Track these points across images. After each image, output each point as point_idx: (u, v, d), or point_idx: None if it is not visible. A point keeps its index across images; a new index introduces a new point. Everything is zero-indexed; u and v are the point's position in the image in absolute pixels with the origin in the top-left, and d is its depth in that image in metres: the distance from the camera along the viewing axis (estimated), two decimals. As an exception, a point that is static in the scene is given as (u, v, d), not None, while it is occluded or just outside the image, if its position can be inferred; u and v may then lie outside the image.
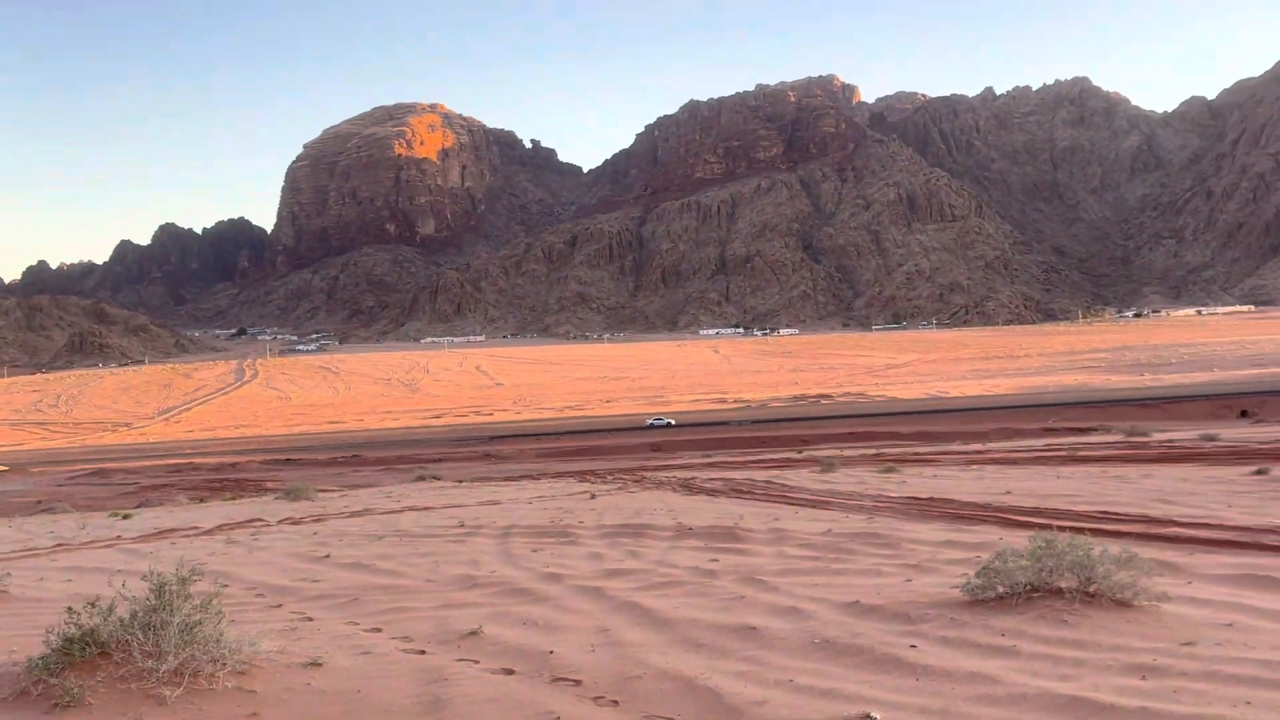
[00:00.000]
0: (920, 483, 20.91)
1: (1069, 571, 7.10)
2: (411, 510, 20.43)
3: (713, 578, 9.41)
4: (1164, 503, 14.98)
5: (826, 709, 4.98)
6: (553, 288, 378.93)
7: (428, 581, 10.28)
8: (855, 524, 13.67)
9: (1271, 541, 10.67)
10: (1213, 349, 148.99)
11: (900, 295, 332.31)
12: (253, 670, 5.86)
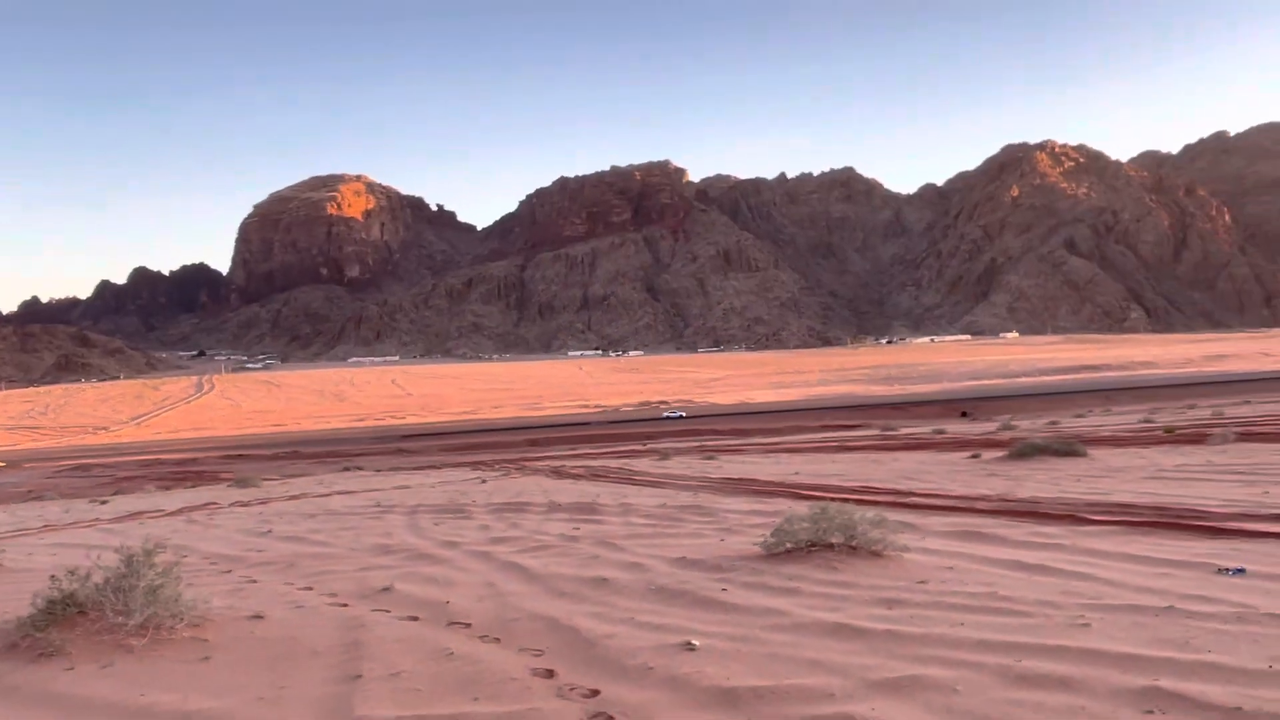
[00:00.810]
0: (732, 467, 21.89)
1: (838, 531, 7.84)
2: (339, 494, 20.31)
3: (575, 542, 9.94)
4: (907, 479, 16.16)
5: (658, 638, 5.50)
6: (453, 319, 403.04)
7: (350, 550, 10.50)
8: (684, 499, 14.46)
9: (980, 506, 11.79)
10: (941, 367, 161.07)
11: (719, 326, 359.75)
12: (206, 623, 6.16)
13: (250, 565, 9.59)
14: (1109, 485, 13.18)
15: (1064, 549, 8.03)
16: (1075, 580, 6.65)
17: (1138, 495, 11.84)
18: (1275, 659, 4.48)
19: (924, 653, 4.90)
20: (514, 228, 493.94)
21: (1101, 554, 7.68)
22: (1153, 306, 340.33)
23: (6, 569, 9.89)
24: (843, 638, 5.31)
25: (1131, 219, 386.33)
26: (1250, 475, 13.48)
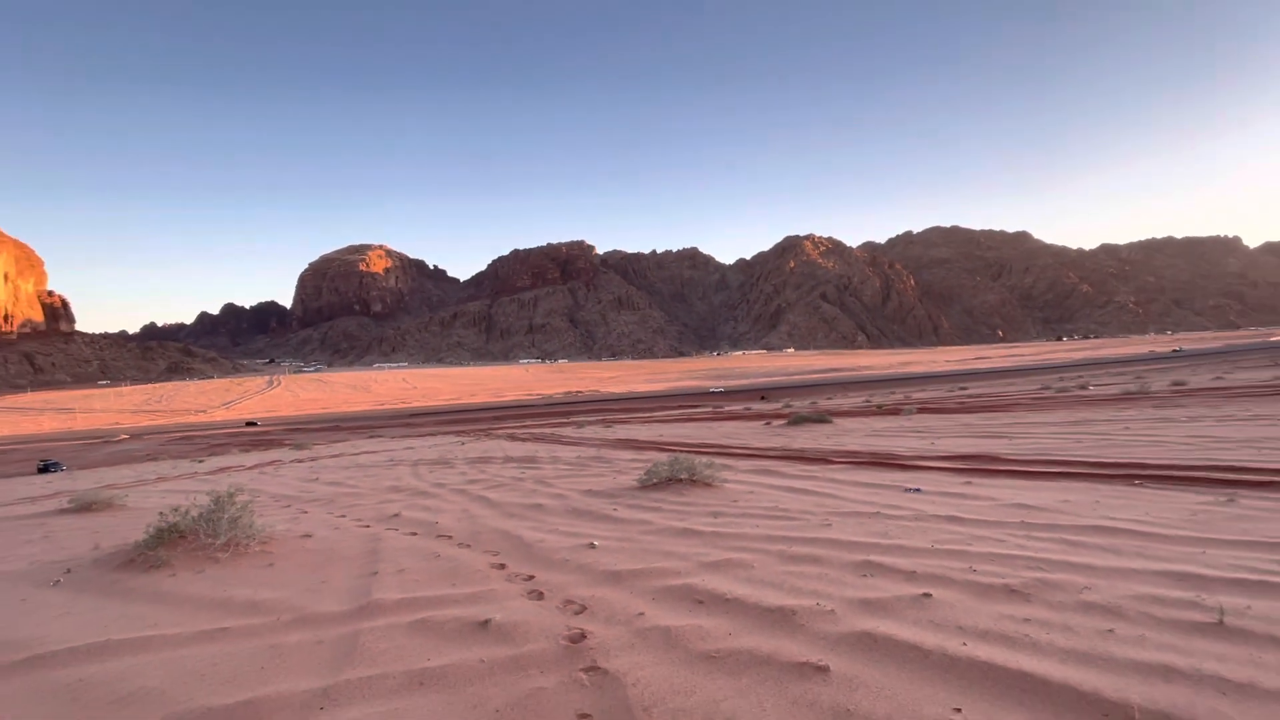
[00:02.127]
0: (624, 432, 21.71)
1: (685, 470, 7.80)
2: (365, 453, 19.07)
3: (521, 481, 9.60)
4: (727, 438, 16.20)
5: (573, 541, 5.40)
6: (444, 339, 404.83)
7: (372, 490, 9.85)
8: (592, 453, 14.13)
9: (770, 453, 11.87)
10: (749, 369, 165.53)
11: (615, 344, 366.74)
12: (272, 541, 5.74)
13: (303, 502, 8.95)
14: (845, 440, 13.52)
15: (818, 479, 8.21)
16: (824, 498, 6.84)
17: (861, 445, 12.22)
18: (935, 541, 4.74)
19: (735, 545, 4.99)
20: (484, 281, 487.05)
21: (840, 481, 7.91)
22: (871, 334, 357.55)
23: (130, 509, 9.00)
24: (686, 537, 5.34)
25: (858, 281, 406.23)
26: (924, 433, 14.14)
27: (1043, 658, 2.71)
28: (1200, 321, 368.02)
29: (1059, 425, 13.85)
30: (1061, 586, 3.57)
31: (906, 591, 3.61)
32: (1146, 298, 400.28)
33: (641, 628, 3.34)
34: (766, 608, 3.49)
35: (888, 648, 2.91)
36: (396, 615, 3.76)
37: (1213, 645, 2.74)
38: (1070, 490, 6.60)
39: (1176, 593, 3.38)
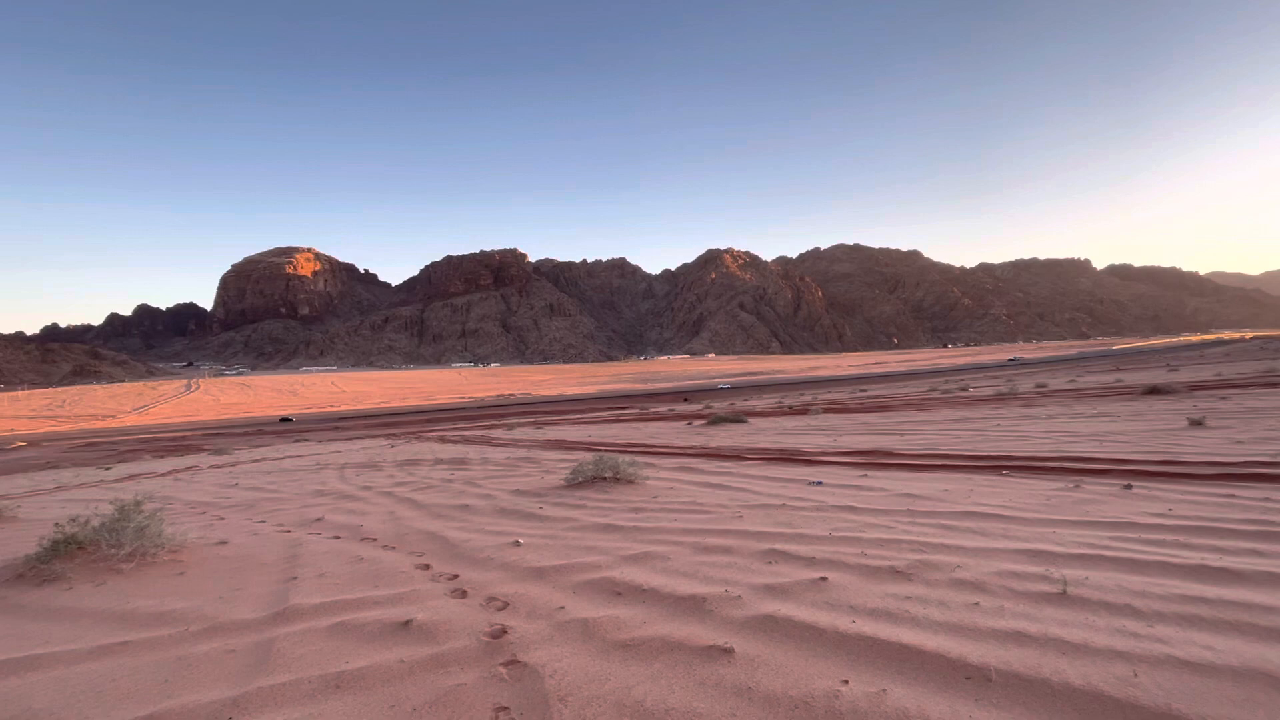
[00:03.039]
0: (554, 433, 21.35)
1: (609, 469, 7.78)
2: (290, 458, 17.62)
3: (450, 483, 9.21)
4: (652, 438, 16.22)
5: (498, 540, 5.27)
6: (375, 343, 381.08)
7: (295, 494, 9.11)
8: (521, 454, 13.68)
9: (691, 451, 11.98)
10: (674, 372, 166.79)
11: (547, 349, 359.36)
12: (183, 550, 5.24)
13: (221, 508, 8.22)
14: (758, 438, 13.89)
15: (732, 475, 8.39)
16: (738, 492, 7.00)
17: (772, 443, 12.57)
18: (833, 529, 4.96)
19: (654, 538, 5.03)
20: (416, 286, 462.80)
21: (752, 476, 8.12)
22: (784, 341, 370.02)
23: (21, 520, 8.00)
24: (608, 532, 5.34)
25: (773, 292, 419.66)
26: (828, 431, 14.74)
27: (920, 630, 2.89)
28: (1059, 332, 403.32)
29: (943, 423, 14.78)
30: (938, 566, 3.82)
31: (806, 576, 3.76)
32: (1016, 311, 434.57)
33: (561, 621, 3.32)
34: (680, 596, 3.54)
35: (787, 628, 3.01)
36: (315, 619, 3.56)
37: (1057, 612, 3.01)
38: (950, 480, 7.05)
39: (1031, 568, 3.68)
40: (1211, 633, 2.69)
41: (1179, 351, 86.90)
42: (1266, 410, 12.10)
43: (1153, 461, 7.41)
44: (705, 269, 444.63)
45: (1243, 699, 2.16)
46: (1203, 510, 4.92)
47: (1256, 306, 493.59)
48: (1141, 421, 11.88)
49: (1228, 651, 2.49)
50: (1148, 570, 3.54)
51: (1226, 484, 5.96)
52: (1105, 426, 11.44)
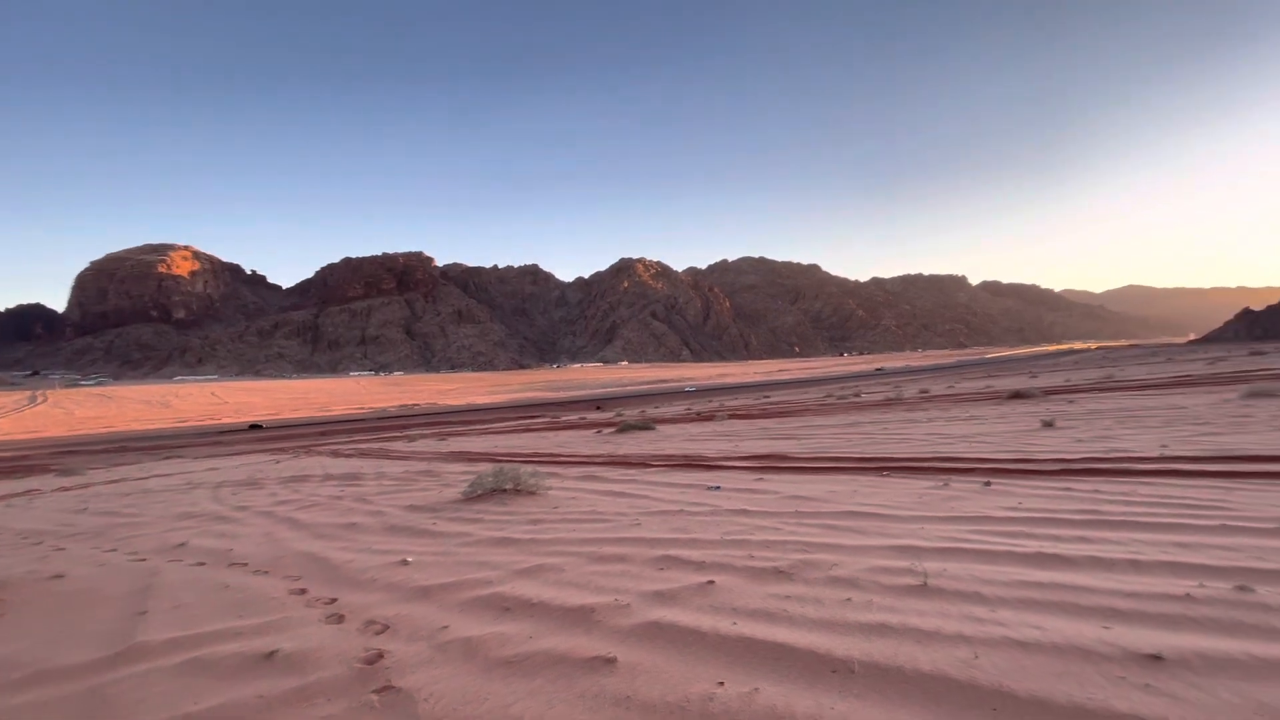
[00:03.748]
0: (459, 444, 20.52)
1: (510, 480, 7.61)
2: (156, 477, 15.64)
3: (339, 500, 8.59)
4: (560, 447, 16.02)
5: (384, 559, 5.01)
6: (262, 350, 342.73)
7: (158, 518, 8.11)
8: (421, 467, 13.03)
9: (597, 460, 11.90)
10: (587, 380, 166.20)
11: (454, 357, 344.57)
12: (6, 588, 4.60)
13: (61, 537, 7.22)
14: (664, 445, 14.08)
15: (636, 482, 8.42)
16: (638, 499, 7.04)
17: (677, 449, 12.77)
18: (725, 533, 5.09)
19: (550, 550, 4.96)
20: (311, 289, 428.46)
21: (654, 483, 8.18)
22: (694, 349, 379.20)
23: None
24: (504, 546, 5.20)
25: (683, 302, 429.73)
26: (731, 436, 15.20)
27: (795, 628, 3.02)
28: (941, 342, 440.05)
29: (836, 427, 15.66)
30: (818, 565, 4.02)
31: (694, 580, 3.83)
32: (904, 322, 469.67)
33: (443, 641, 3.18)
34: (569, 608, 3.50)
35: (671, 634, 3.06)
36: (162, 657, 3.21)
37: (917, 603, 3.25)
38: (837, 482, 7.46)
39: (899, 563, 3.95)
40: (1042, 613, 3.00)
41: (1038, 360, 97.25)
42: (1104, 412, 13.76)
43: (1010, 460, 8.21)
44: (618, 277, 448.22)
45: (1060, 672, 2.42)
46: (1046, 503, 5.50)
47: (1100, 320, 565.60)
48: (1005, 423, 13.15)
49: (1053, 630, 2.78)
50: (996, 560, 3.90)
51: (1067, 478, 6.71)
52: (975, 428, 12.56)
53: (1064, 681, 2.34)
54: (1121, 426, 10.95)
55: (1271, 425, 9.62)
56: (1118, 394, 18.76)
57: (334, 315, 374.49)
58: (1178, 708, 2.13)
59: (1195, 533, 4.24)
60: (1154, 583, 3.31)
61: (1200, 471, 6.56)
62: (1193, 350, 77.06)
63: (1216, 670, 2.34)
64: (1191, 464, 7.02)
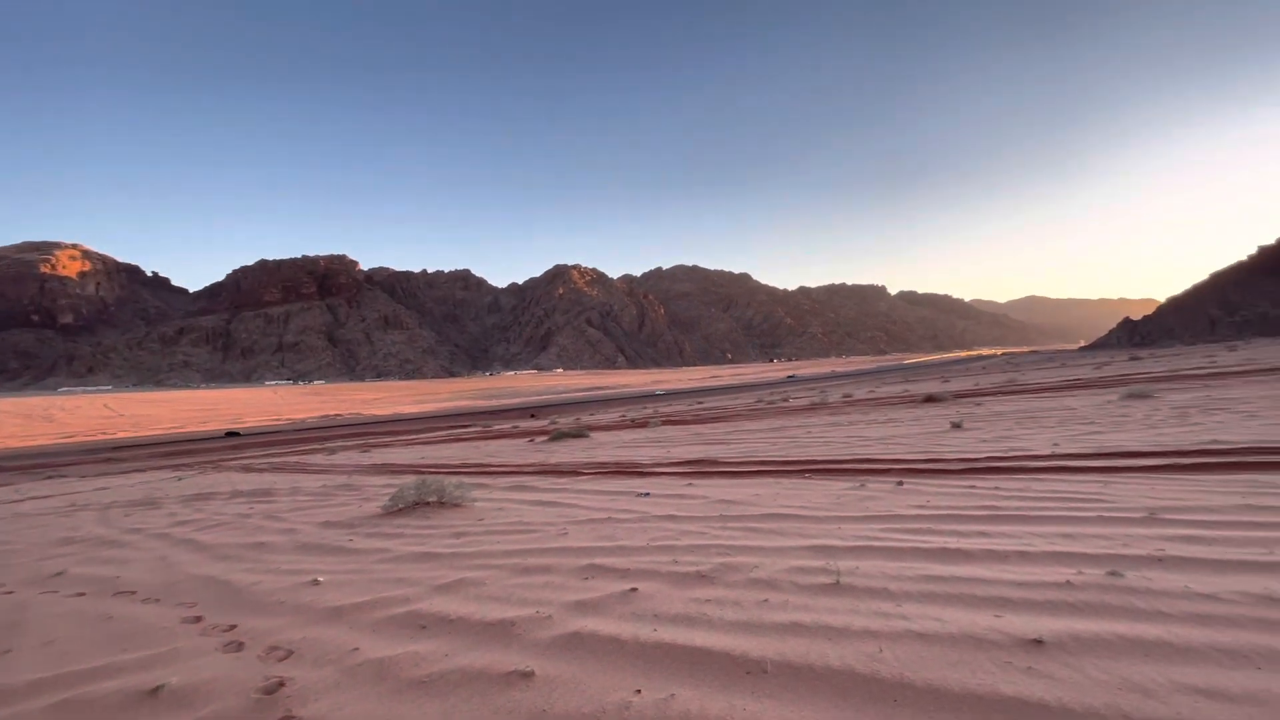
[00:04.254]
0: (383, 456, 19.69)
1: (434, 493, 7.37)
2: (33, 499, 13.89)
3: (247, 518, 8.01)
4: (490, 457, 15.66)
5: (294, 580, 4.73)
6: (165, 358, 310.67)
7: (33, 545, 7.23)
8: (340, 481, 12.36)
9: (528, 469, 11.71)
10: (521, 388, 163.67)
11: (381, 364, 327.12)
12: None
13: None
14: (597, 452, 14.01)
15: (566, 490, 8.34)
16: (567, 508, 6.97)
17: (610, 456, 12.76)
18: (651, 539, 5.12)
19: (473, 563, 4.82)
20: (222, 293, 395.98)
21: (584, 491, 8.14)
22: (630, 356, 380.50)
23: None
24: (424, 561, 5.01)
25: (619, 309, 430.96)
26: (663, 442, 15.31)
27: (713, 631, 3.07)
28: (863, 348, 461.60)
29: (765, 431, 16.08)
30: (739, 568, 4.10)
31: (618, 588, 3.83)
32: (830, 329, 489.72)
33: (353, 664, 3.03)
34: (489, 622, 3.42)
35: (591, 644, 3.03)
36: (28, 700, 2.89)
37: (830, 601, 3.37)
38: (762, 485, 7.66)
39: (815, 562, 4.09)
40: (942, 606, 3.18)
41: (951, 365, 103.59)
42: (1006, 414, 14.80)
43: (921, 460, 8.69)
44: (553, 284, 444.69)
45: (956, 660, 2.56)
46: (951, 500, 5.85)
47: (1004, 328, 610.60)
48: (918, 425, 13.91)
49: (951, 621, 2.95)
50: (904, 556, 4.11)
51: (971, 477, 7.16)
52: (891, 430, 13.22)
53: (958, 670, 2.48)
54: (1020, 427, 11.82)
55: (1145, 424, 10.64)
56: (1018, 397, 20.25)
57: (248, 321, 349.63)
58: (1054, 687, 2.30)
59: (1078, 524, 4.62)
60: (1040, 572, 3.58)
61: (1085, 467, 7.16)
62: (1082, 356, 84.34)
63: (1087, 651, 2.55)
64: (1078, 460, 7.66)
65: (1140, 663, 2.43)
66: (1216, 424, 9.80)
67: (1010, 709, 2.21)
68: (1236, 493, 5.19)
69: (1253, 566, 3.40)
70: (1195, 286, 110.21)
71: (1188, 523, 4.39)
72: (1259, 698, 2.14)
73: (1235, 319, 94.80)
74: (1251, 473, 6.09)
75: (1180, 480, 5.97)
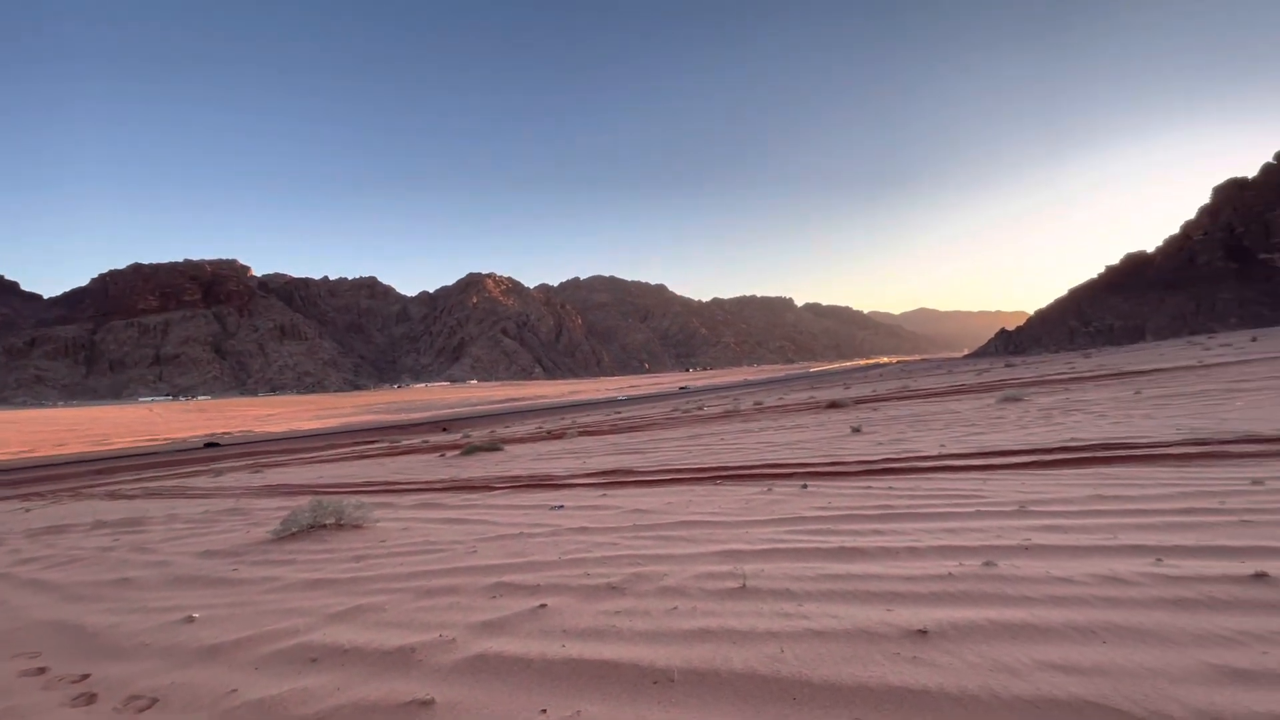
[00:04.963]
0: (277, 476, 18.29)
1: (331, 515, 6.91)
2: None
3: (109, 551, 7.16)
4: (398, 474, 15.02)
5: (162, 619, 4.28)
6: (13, 372, 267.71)
7: None
8: (227, 504, 11.35)
9: (437, 486, 11.30)
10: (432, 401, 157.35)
11: (275, 377, 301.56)
12: None
13: None
14: (512, 465, 13.70)
15: (477, 506, 8.10)
16: (477, 525, 6.75)
17: (524, 470, 12.52)
18: (563, 553, 5.03)
19: (372, 588, 4.55)
20: (85, 299, 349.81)
21: (496, 507, 7.93)
22: (547, 366, 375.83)
23: None
24: (318, 588, 4.68)
25: (535, 319, 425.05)
26: (580, 453, 15.23)
27: (622, 643, 3.05)
28: (773, 357, 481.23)
29: (680, 440, 16.35)
30: (650, 577, 4.12)
31: (527, 605, 3.73)
32: (741, 339, 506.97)
33: (229, 708, 2.76)
34: (387, 650, 3.23)
35: (497, 666, 2.94)
36: None
37: (736, 605, 3.45)
38: (675, 493, 7.76)
39: (723, 568, 4.18)
40: (839, 603, 3.34)
41: (852, 373, 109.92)
42: (900, 418, 15.86)
43: (824, 464, 9.13)
44: (466, 293, 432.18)
45: (850, 655, 2.69)
46: (850, 501, 6.18)
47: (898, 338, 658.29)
48: (822, 430, 14.63)
49: (846, 618, 3.10)
50: (806, 557, 4.28)
51: (868, 478, 7.60)
52: (797, 436, 13.82)
53: (851, 664, 2.61)
54: (912, 430, 12.70)
55: (1017, 424, 11.74)
56: (911, 402, 21.78)
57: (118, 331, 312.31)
58: (936, 674, 2.46)
59: (960, 519, 5.00)
60: (927, 565, 3.84)
61: (967, 466, 7.79)
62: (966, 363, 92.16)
63: (964, 638, 2.75)
64: (961, 460, 8.32)
65: (1009, 645, 2.66)
66: (1074, 424, 10.97)
67: (897, 698, 2.34)
68: (1089, 485, 5.82)
69: (1100, 550, 3.82)
70: (1058, 301, 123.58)
71: (1050, 514, 4.86)
72: (1105, 669, 2.39)
73: (1089, 330, 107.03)
74: (1101, 466, 6.86)
75: (1045, 475, 6.62)
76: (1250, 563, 3.31)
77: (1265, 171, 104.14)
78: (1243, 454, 6.68)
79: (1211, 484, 5.35)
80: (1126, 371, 25.60)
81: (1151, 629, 2.66)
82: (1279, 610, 2.73)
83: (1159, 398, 13.82)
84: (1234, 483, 5.30)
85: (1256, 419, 9.06)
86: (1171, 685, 2.23)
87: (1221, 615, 2.74)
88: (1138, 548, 3.78)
